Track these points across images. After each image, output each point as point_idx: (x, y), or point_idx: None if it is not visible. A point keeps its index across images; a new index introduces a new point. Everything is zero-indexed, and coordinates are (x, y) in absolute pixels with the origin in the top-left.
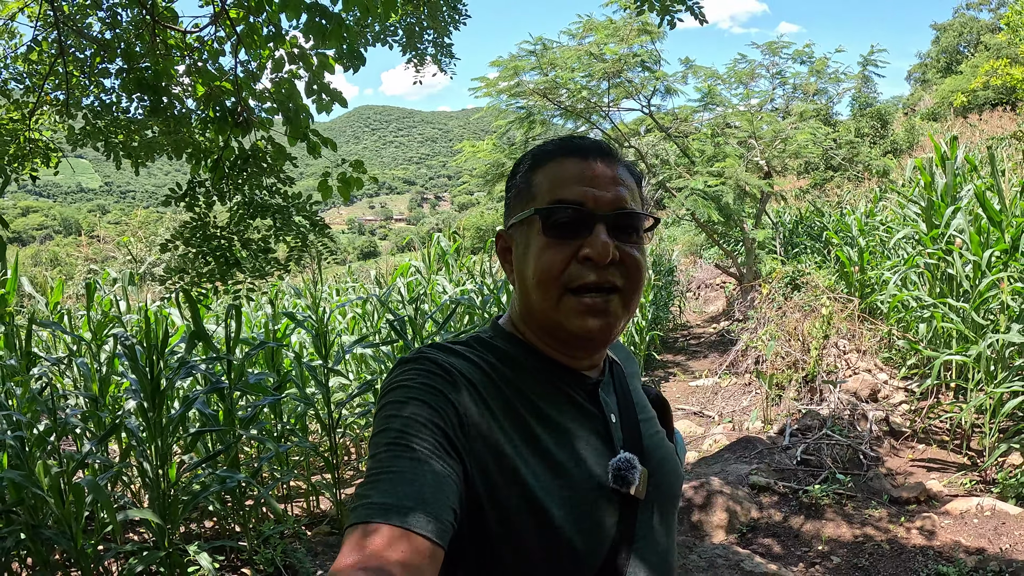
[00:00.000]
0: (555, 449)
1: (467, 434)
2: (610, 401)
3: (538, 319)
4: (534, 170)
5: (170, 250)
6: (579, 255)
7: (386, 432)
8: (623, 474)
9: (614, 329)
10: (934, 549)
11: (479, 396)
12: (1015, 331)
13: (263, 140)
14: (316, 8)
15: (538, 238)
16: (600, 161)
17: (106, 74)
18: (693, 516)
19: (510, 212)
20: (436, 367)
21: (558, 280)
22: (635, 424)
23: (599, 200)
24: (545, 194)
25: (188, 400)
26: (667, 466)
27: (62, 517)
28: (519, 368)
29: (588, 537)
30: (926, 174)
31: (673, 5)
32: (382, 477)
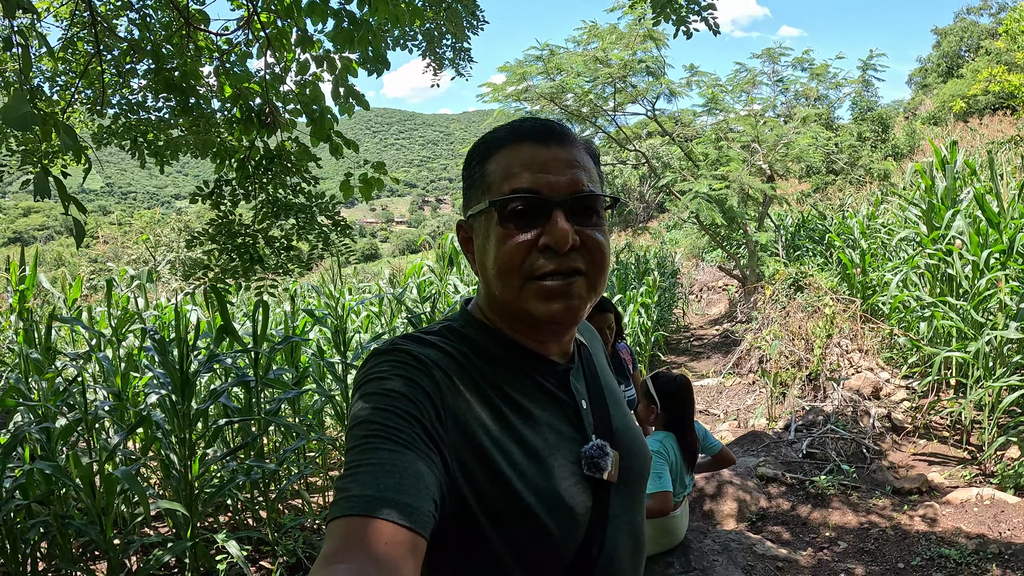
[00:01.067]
0: (529, 438)
1: (444, 424)
2: (580, 387)
3: (503, 307)
4: (487, 158)
5: (196, 246)
6: (539, 243)
7: (364, 424)
8: (595, 461)
9: (579, 312)
10: (936, 534)
11: (453, 386)
12: (1013, 328)
13: (289, 140)
14: (343, 14)
15: (496, 229)
16: (554, 144)
17: (134, 74)
18: (705, 505)
19: (467, 202)
20: (411, 358)
21: (519, 269)
22: (604, 409)
23: (554, 185)
24: (500, 183)
25: (215, 392)
26: (635, 447)
27: (92, 508)
28: (491, 358)
29: (564, 523)
30: (926, 178)
31: (689, 16)
32: (361, 469)
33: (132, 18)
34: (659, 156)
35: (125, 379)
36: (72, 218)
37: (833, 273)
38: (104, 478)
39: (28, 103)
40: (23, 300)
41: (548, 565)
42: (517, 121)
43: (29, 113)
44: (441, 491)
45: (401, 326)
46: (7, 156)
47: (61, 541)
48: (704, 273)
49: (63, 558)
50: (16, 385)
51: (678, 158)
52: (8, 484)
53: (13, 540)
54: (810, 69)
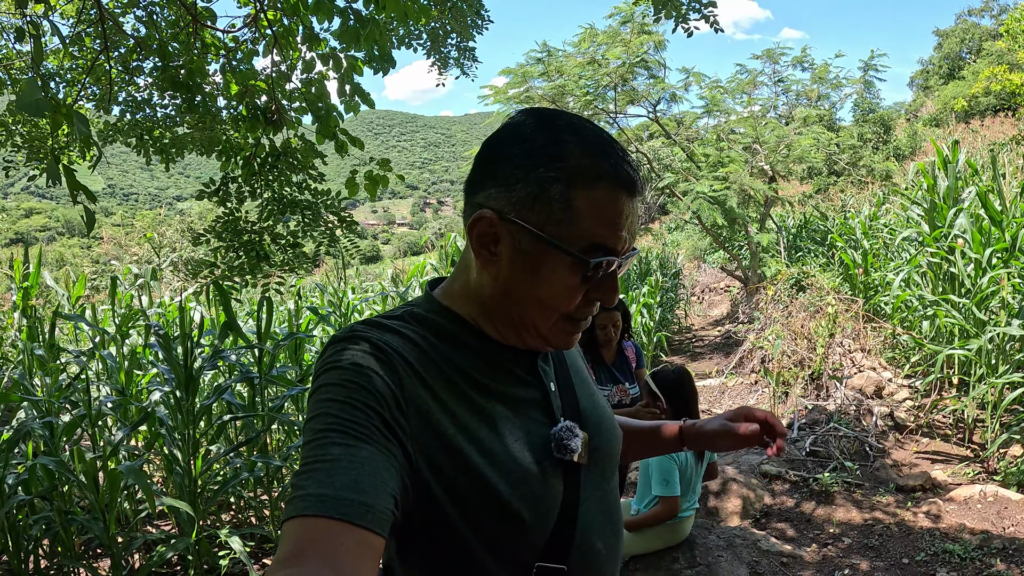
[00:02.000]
0: (497, 423)
1: (405, 414)
2: (548, 370)
3: (513, 321)
4: (575, 183)
5: (202, 244)
6: (590, 294)
7: (320, 418)
8: (564, 443)
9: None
10: (940, 531)
11: (416, 374)
12: (1015, 325)
13: (295, 138)
14: (349, 12)
15: (562, 272)
16: (637, 196)
17: (140, 71)
18: (710, 502)
19: (522, 204)
20: (369, 346)
21: (562, 310)
22: (572, 390)
23: (626, 243)
24: (587, 228)
25: (220, 388)
26: (604, 426)
27: (96, 503)
28: (457, 343)
29: (536, 507)
30: (928, 177)
31: (690, 14)
32: (317, 466)
33: (139, 15)
34: (660, 158)
35: (129, 376)
36: (83, 206)
37: (835, 273)
38: (108, 474)
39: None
40: (27, 297)
41: (521, 551)
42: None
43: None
44: (403, 484)
45: None
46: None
47: (64, 537)
48: (706, 275)
49: (66, 555)
50: (20, 381)
51: (680, 159)
52: (11, 480)
53: (16, 536)
54: (811, 70)
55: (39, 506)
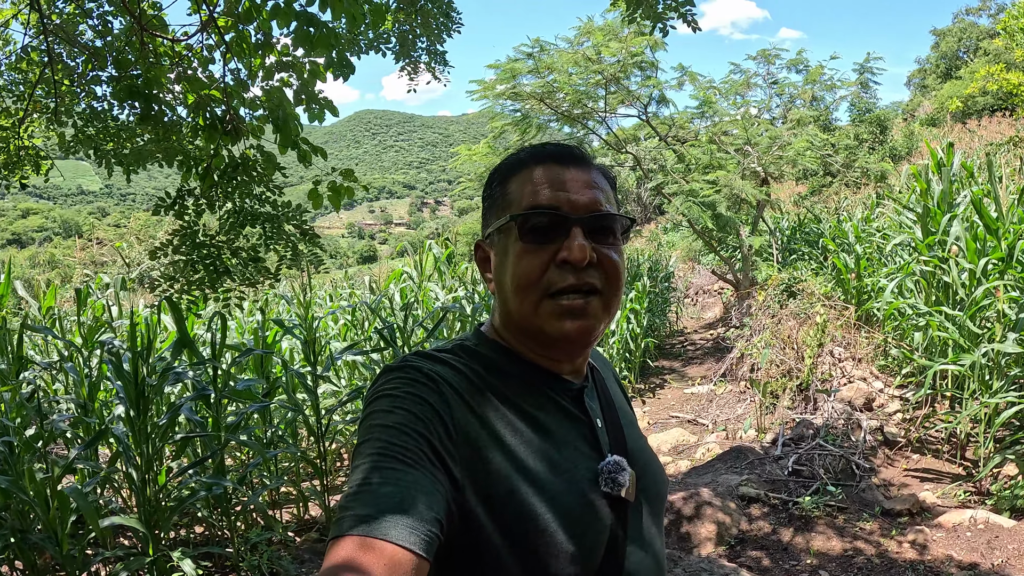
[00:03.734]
0: (545, 454)
1: (454, 442)
2: (595, 407)
3: (519, 325)
4: (508, 178)
5: (159, 257)
6: (557, 259)
7: (371, 442)
8: (613, 476)
9: (595, 331)
10: (925, 564)
11: (465, 404)
12: (1011, 340)
13: (252, 149)
14: (304, 16)
15: (515, 245)
16: (573, 165)
17: (97, 81)
18: (682, 527)
19: (487, 222)
20: (421, 375)
21: (537, 285)
22: (619, 428)
23: (574, 203)
24: (520, 201)
25: (174, 406)
26: (651, 467)
27: (47, 523)
28: (505, 375)
29: (583, 540)
30: (922, 181)
31: (666, 13)
32: (365, 488)
33: (92, 25)
34: (655, 159)
35: (94, 390)
36: None
37: (828, 278)
38: (55, 494)
39: None
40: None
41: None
42: (538, 144)
43: None
44: (448, 509)
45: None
46: None
47: (21, 555)
48: (701, 276)
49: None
50: None
51: (671, 161)
52: None
53: None
54: (806, 72)
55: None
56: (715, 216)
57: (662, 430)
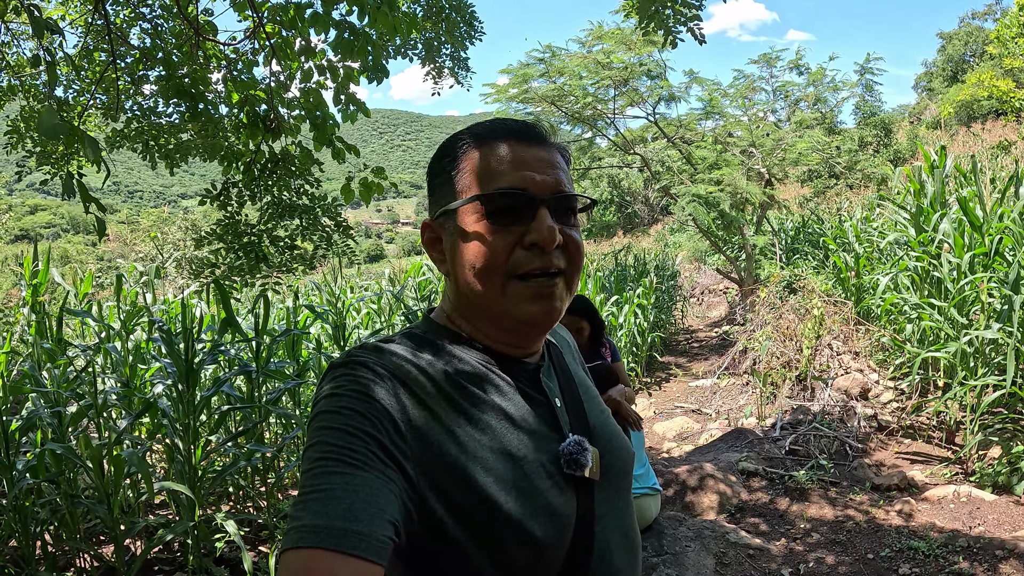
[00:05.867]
0: (503, 439)
1: (404, 437)
2: (553, 385)
3: (480, 309)
4: (464, 155)
5: (204, 246)
6: (524, 241)
7: (317, 446)
8: (575, 457)
9: (560, 312)
10: (909, 528)
11: (414, 396)
12: (994, 328)
13: (292, 145)
14: (344, 25)
15: (479, 225)
16: (536, 144)
17: (146, 81)
18: (686, 497)
19: (437, 200)
20: (366, 370)
21: (503, 267)
22: (580, 406)
23: (540, 184)
24: (482, 180)
25: (219, 380)
26: (616, 443)
27: (102, 487)
28: (456, 361)
29: (549, 525)
30: (915, 182)
31: (675, 26)
32: (313, 496)
33: (145, 28)
34: (663, 160)
35: (133, 370)
36: (94, 216)
37: (828, 276)
38: (112, 460)
39: (57, 115)
40: (35, 294)
41: (537, 572)
42: (495, 120)
43: (59, 124)
44: (404, 509)
45: (399, 323)
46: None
47: (70, 522)
48: (706, 276)
49: (71, 539)
50: (30, 373)
51: (677, 161)
52: (20, 466)
53: (24, 520)
54: (807, 74)
55: (46, 490)
56: (720, 215)
57: (667, 419)
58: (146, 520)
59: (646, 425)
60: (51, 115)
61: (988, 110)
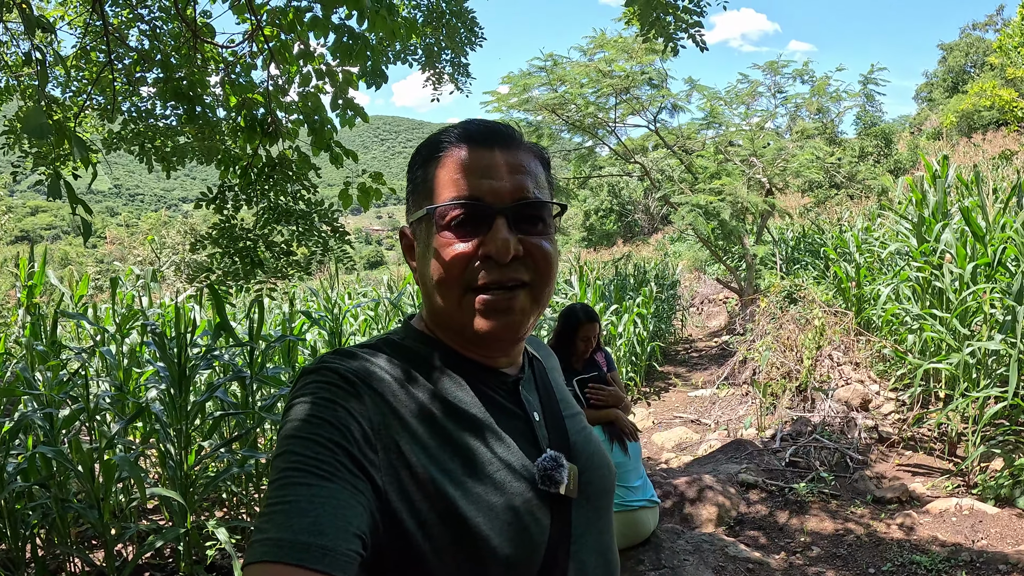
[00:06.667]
0: (476, 453)
1: (373, 447)
2: (532, 399)
3: (444, 319)
4: (429, 162)
5: (199, 249)
6: (479, 253)
7: (285, 456)
8: (550, 474)
9: (523, 326)
10: (911, 542)
11: (387, 405)
12: (997, 340)
13: (290, 149)
14: (343, 29)
15: (437, 237)
16: (498, 147)
17: (144, 83)
18: (685, 509)
19: (410, 208)
20: (338, 377)
21: (459, 280)
22: (560, 421)
23: (497, 192)
24: (441, 189)
25: (212, 386)
26: (596, 460)
27: (92, 491)
28: (433, 369)
29: (520, 543)
30: (917, 191)
31: (676, 33)
32: (278, 509)
33: (143, 29)
34: (663, 169)
35: (127, 374)
36: (80, 218)
37: (829, 286)
38: (103, 464)
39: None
40: (31, 295)
41: None
42: (462, 123)
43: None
44: (372, 520)
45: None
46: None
47: (60, 526)
48: (706, 286)
49: (62, 542)
50: (22, 375)
51: (678, 170)
52: (11, 468)
53: (14, 524)
54: (812, 84)
55: (37, 493)
56: (720, 224)
57: (666, 429)
58: (137, 525)
59: (645, 435)
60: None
61: (989, 120)
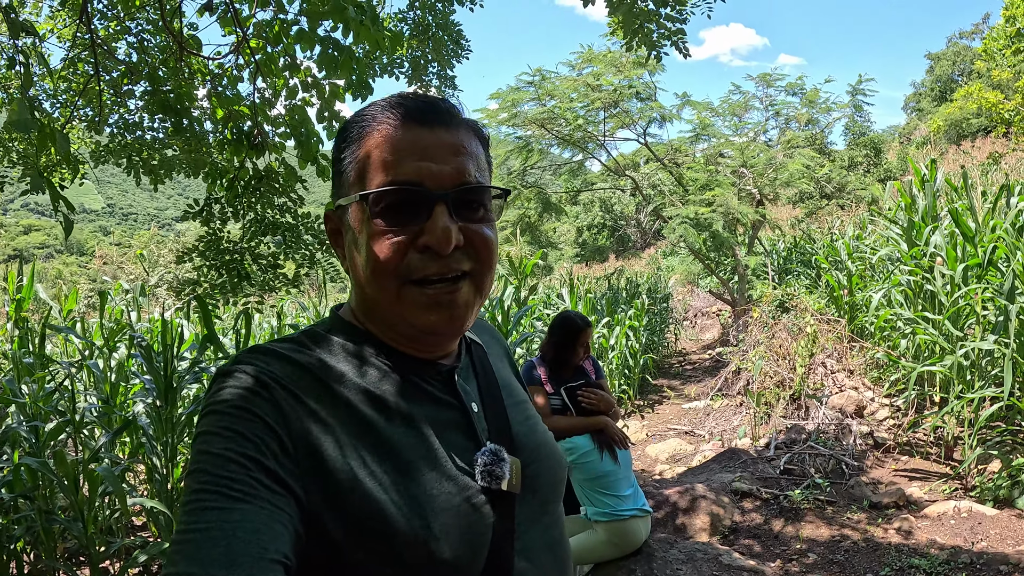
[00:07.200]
0: (408, 452)
1: (292, 457)
2: (470, 388)
3: (377, 312)
4: (361, 139)
5: (186, 262)
6: (418, 243)
7: (196, 474)
8: (490, 468)
9: (466, 318)
10: (909, 546)
11: (304, 406)
12: (990, 340)
13: (276, 162)
14: (329, 41)
15: (370, 224)
16: (439, 126)
17: (131, 95)
18: (677, 519)
19: (337, 189)
20: (251, 381)
21: (395, 272)
22: (501, 411)
23: (437, 176)
24: (374, 172)
25: (199, 399)
26: (544, 451)
27: (76, 503)
28: (360, 362)
29: (461, 544)
30: (906, 196)
31: (659, 41)
32: (189, 538)
33: (130, 42)
34: (655, 184)
35: (115, 388)
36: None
37: (821, 295)
38: (88, 476)
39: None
40: (19, 309)
41: None
42: (396, 96)
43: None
44: (295, 536)
45: None
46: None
47: (45, 540)
48: (699, 299)
49: (48, 556)
50: (8, 387)
51: (669, 183)
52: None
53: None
54: (802, 95)
55: (21, 506)
56: (711, 236)
57: (660, 441)
58: (123, 540)
59: (639, 448)
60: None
61: (977, 128)
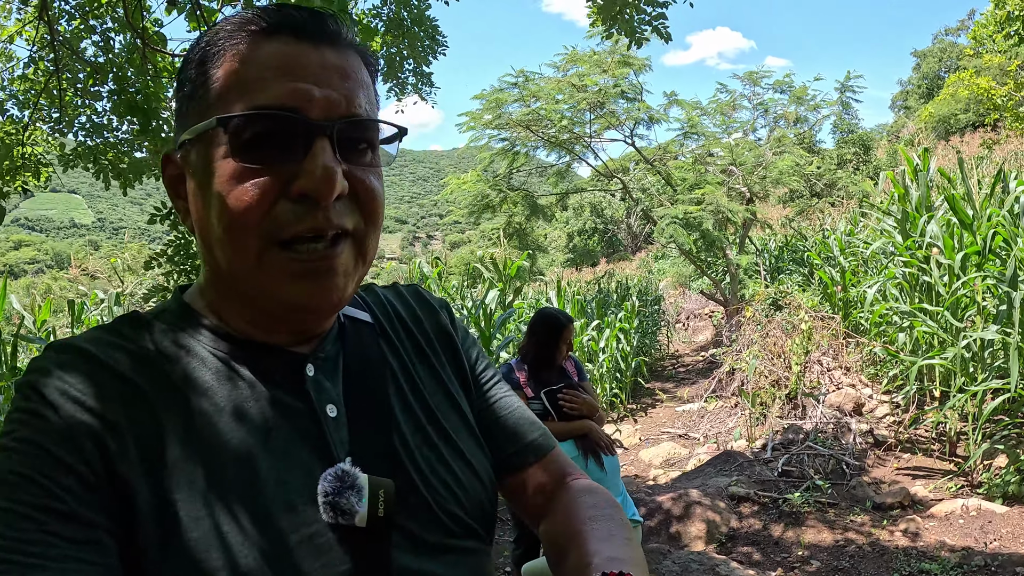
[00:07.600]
0: (233, 477)
1: (97, 489)
2: (330, 387)
3: (231, 284)
4: (218, 56)
5: (154, 267)
6: (290, 189)
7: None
8: (333, 500)
9: (347, 291)
10: (918, 549)
11: (105, 424)
12: (992, 330)
13: None
14: None
15: (224, 164)
16: (324, 43)
17: (98, 96)
18: (671, 527)
19: (181, 122)
20: (39, 401)
21: (257, 228)
22: (381, 415)
23: (321, 103)
24: (234, 94)
25: None
26: (442, 471)
27: None
28: (186, 357)
29: None
30: (899, 187)
31: (640, 27)
32: None
33: (95, 40)
34: (645, 188)
35: None
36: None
37: (815, 292)
38: None
39: None
40: None
41: None
42: (269, 6)
43: None
44: None
45: None
46: None
47: None
48: (691, 301)
49: None
50: None
51: (658, 185)
52: None
53: None
54: (790, 92)
55: None
56: (702, 235)
57: (653, 445)
58: None
59: (632, 452)
60: None
61: (965, 123)
